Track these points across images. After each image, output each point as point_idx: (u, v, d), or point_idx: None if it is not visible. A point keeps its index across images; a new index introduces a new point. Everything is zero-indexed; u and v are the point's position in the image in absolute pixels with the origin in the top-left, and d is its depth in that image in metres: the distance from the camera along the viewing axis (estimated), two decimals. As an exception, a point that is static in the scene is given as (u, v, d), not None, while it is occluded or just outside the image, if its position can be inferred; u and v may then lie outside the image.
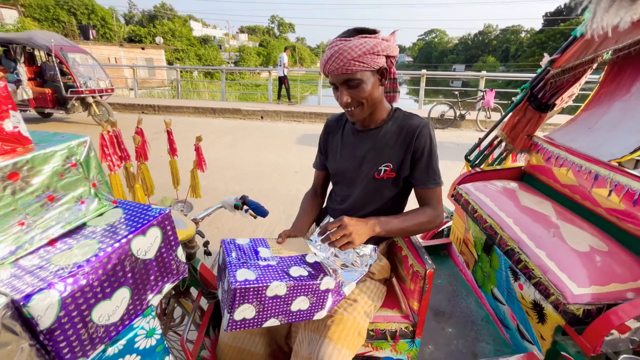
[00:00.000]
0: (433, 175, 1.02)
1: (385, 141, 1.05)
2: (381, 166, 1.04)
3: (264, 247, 0.93)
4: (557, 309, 1.00)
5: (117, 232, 0.63)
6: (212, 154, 5.28)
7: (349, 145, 1.12)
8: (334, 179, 1.20)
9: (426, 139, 1.00)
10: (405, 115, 1.06)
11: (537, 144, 1.57)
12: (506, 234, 1.27)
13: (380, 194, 1.08)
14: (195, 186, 1.39)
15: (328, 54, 0.93)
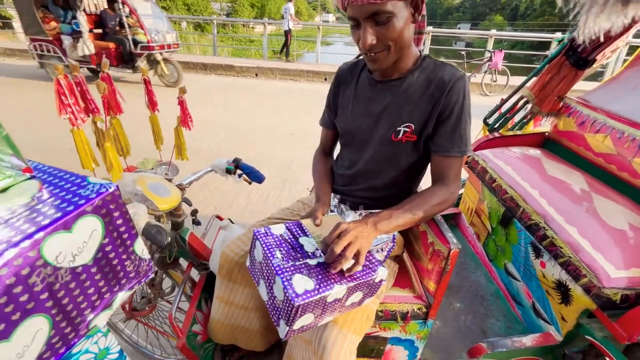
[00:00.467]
0: (459, 142, 0.84)
1: (408, 96, 0.86)
2: (401, 126, 0.86)
3: (304, 235, 0.78)
4: (589, 292, 0.89)
5: (19, 226, 0.39)
6: (203, 114, 4.98)
7: (363, 100, 0.93)
8: (343, 139, 1.03)
9: (459, 95, 0.81)
10: (436, 65, 0.86)
11: (569, 106, 1.39)
12: (530, 207, 1.14)
13: (396, 160, 0.91)
14: (181, 146, 1.20)
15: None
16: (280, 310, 0.67)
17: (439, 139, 0.85)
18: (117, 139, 0.99)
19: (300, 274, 0.67)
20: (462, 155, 0.85)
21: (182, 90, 1.12)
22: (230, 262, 0.98)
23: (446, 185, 0.85)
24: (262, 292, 0.76)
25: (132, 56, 5.79)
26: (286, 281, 0.65)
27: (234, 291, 1.02)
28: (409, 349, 1.03)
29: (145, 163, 1.20)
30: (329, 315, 0.73)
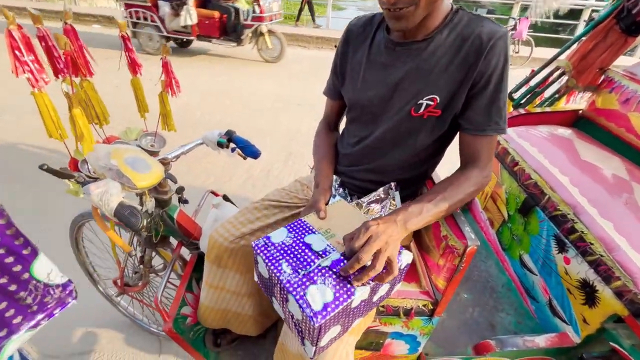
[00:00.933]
0: (496, 117, 0.70)
1: (434, 61, 0.70)
2: (423, 99, 0.72)
3: (309, 233, 0.66)
4: (621, 297, 0.79)
5: None
6: (205, 81, 4.78)
7: (377, 66, 0.77)
8: (351, 113, 0.87)
9: (499, 58, 0.66)
10: (471, 20, 0.69)
11: (612, 80, 1.21)
12: (557, 196, 1.01)
13: (413, 138, 0.77)
14: (167, 115, 1.08)
15: None
16: (302, 329, 0.58)
17: (473, 114, 0.70)
18: (90, 105, 0.87)
19: (314, 284, 0.57)
20: (500, 133, 0.71)
21: (166, 50, 0.98)
22: (219, 247, 0.89)
23: (479, 168, 0.72)
24: (277, 308, 0.66)
25: (237, 27, 5.14)
26: (300, 298, 0.55)
27: (224, 277, 0.94)
28: (410, 343, 0.96)
29: (128, 133, 1.09)
30: (358, 317, 0.64)
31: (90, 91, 0.86)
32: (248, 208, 0.95)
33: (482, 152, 0.73)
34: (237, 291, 0.98)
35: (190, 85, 4.58)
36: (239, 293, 0.98)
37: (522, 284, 1.18)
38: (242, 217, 0.93)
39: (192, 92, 4.35)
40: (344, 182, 0.93)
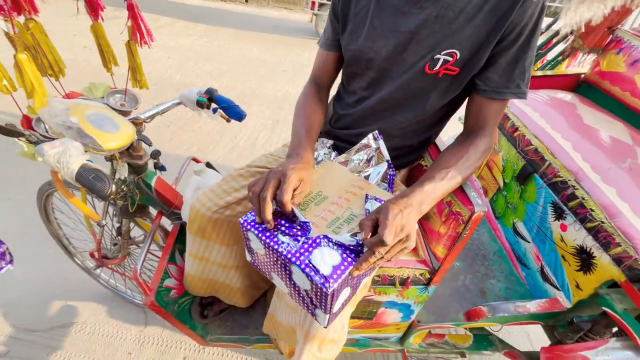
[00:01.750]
0: (519, 79, 0.62)
1: (460, 7, 0.59)
2: (440, 53, 0.62)
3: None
4: (620, 263, 0.77)
5: None
6: (186, 43, 4.45)
7: (389, 10, 0.65)
8: (352, 68, 0.75)
9: (536, 8, 0.56)
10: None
11: (621, 40, 1.14)
12: (558, 162, 0.97)
13: (424, 100, 0.68)
14: (137, 69, 0.94)
15: None
16: (312, 299, 0.53)
17: (494, 74, 0.61)
18: (40, 51, 0.73)
19: (318, 247, 0.50)
20: (521, 98, 0.63)
21: (131, -11, 0.83)
22: (201, 218, 0.81)
23: (487, 136, 0.65)
24: (278, 284, 0.60)
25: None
26: (306, 267, 0.49)
27: (208, 249, 0.88)
28: (404, 312, 0.94)
29: (93, 89, 0.96)
30: (366, 276, 0.59)
31: (39, 34, 0.72)
32: (232, 175, 0.86)
33: (493, 117, 0.65)
34: (224, 264, 0.92)
35: (171, 47, 4.25)
36: (225, 265, 0.93)
37: (513, 251, 1.17)
38: (226, 185, 0.84)
39: (172, 54, 4.04)
40: (337, 146, 0.85)
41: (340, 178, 0.66)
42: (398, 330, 1.05)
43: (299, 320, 0.68)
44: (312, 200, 0.61)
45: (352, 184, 0.65)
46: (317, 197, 0.61)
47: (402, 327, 1.02)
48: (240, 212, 0.83)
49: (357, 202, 0.61)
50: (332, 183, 0.65)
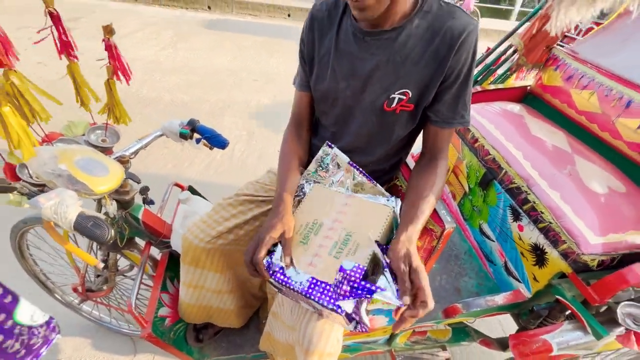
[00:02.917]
0: (462, 111, 0.72)
1: (406, 52, 0.69)
2: (395, 93, 0.71)
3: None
4: (566, 258, 0.91)
5: None
6: (149, 55, 4.30)
7: (347, 56, 0.74)
8: (322, 106, 0.83)
9: (469, 53, 0.67)
10: (441, 9, 0.67)
11: (557, 58, 1.31)
12: (513, 170, 1.10)
13: (388, 133, 0.77)
14: (115, 106, 0.95)
15: None
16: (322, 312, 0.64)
17: (442, 107, 0.71)
18: (24, 101, 0.74)
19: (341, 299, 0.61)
20: (465, 125, 0.73)
21: (108, 30, 0.85)
22: (195, 249, 0.85)
23: (443, 159, 0.76)
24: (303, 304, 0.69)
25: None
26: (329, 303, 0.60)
27: (202, 277, 0.91)
28: (389, 316, 1.03)
29: (72, 127, 0.96)
30: None
31: (21, 82, 0.72)
32: (221, 204, 0.91)
33: (446, 142, 0.76)
34: (218, 289, 0.96)
35: (133, 60, 4.10)
36: (220, 291, 0.97)
37: (481, 249, 1.30)
38: (216, 215, 0.88)
39: (135, 67, 3.90)
40: None
41: (330, 201, 0.74)
42: (385, 333, 1.13)
43: (298, 338, 0.74)
44: (311, 231, 0.68)
45: (341, 204, 0.73)
46: (314, 226, 0.68)
47: (388, 330, 1.11)
48: (232, 240, 0.88)
49: (349, 220, 0.69)
50: (323, 208, 0.72)
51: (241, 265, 0.98)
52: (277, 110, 3.36)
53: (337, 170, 0.81)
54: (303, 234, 0.70)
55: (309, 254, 0.66)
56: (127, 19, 5.48)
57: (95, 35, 4.65)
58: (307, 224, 0.70)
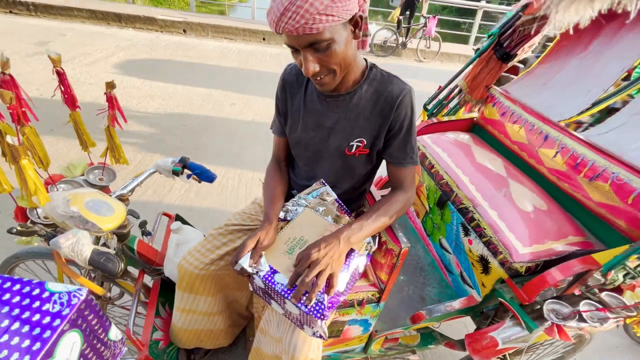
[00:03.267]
0: (410, 153, 0.90)
1: (358, 111, 0.87)
2: (353, 141, 0.89)
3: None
4: (503, 266, 1.10)
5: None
6: (126, 79, 4.33)
7: (313, 112, 0.91)
8: (296, 150, 1.01)
9: (407, 110, 0.85)
10: (383, 77, 0.87)
11: (494, 97, 1.56)
12: (462, 193, 1.31)
13: (352, 171, 0.95)
14: (116, 148, 1.07)
15: (279, 6, 0.65)
16: (301, 320, 0.77)
17: (393, 151, 0.90)
18: (34, 151, 0.84)
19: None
20: (415, 164, 0.92)
21: (110, 85, 0.97)
22: (190, 275, 0.96)
23: (404, 192, 0.92)
24: (276, 308, 0.83)
25: None
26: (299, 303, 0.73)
27: (196, 301, 1.02)
28: (364, 326, 1.17)
29: (72, 169, 1.06)
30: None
31: (33, 137, 0.83)
32: (213, 235, 1.03)
33: (406, 179, 0.93)
34: (209, 312, 1.06)
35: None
36: (210, 313, 1.07)
37: (442, 261, 1.49)
38: (208, 244, 1.00)
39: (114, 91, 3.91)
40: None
41: (316, 224, 0.90)
42: (361, 341, 1.27)
43: (284, 347, 0.87)
44: (297, 245, 0.83)
45: (325, 228, 0.89)
46: (300, 241, 0.84)
47: (364, 338, 1.25)
48: (223, 266, 1.00)
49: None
50: (310, 228, 0.89)
51: (230, 288, 1.10)
52: (256, 132, 3.49)
53: (324, 202, 0.97)
54: (290, 246, 0.86)
55: (291, 263, 0.81)
56: (100, 42, 5.48)
57: (68, 59, 4.63)
58: (294, 238, 0.86)
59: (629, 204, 1.01)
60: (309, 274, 0.71)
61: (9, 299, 0.39)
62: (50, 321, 0.37)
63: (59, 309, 0.39)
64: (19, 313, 0.38)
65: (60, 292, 0.41)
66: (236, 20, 7.70)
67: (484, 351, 1.12)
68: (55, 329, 0.37)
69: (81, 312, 0.42)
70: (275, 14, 0.66)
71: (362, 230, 0.84)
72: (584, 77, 1.34)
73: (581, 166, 1.15)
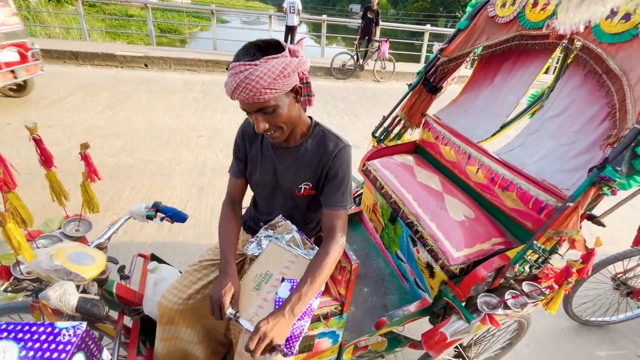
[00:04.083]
0: (341, 199, 1.04)
1: (305, 159, 1.05)
2: (301, 184, 1.06)
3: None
4: (443, 269, 1.31)
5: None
6: (85, 119, 4.29)
7: (268, 159, 1.08)
8: (256, 190, 1.17)
9: (341, 163, 1.02)
10: (324, 134, 1.05)
11: (428, 123, 1.83)
12: (407, 209, 1.52)
13: (303, 207, 1.13)
14: (90, 200, 1.17)
15: (233, 82, 0.82)
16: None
17: (326, 194, 1.06)
18: (16, 214, 0.93)
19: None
20: (345, 209, 1.05)
21: (84, 146, 1.09)
22: (170, 311, 1.07)
23: (335, 239, 1.00)
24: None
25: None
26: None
27: (177, 331, 1.12)
28: (332, 337, 1.31)
29: (49, 223, 1.14)
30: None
31: (16, 201, 0.92)
32: (188, 271, 1.15)
33: (336, 222, 1.01)
34: (190, 340, 1.16)
35: (69, 125, 4.06)
36: (191, 342, 1.17)
37: (399, 270, 1.68)
38: (185, 280, 1.12)
39: (73, 133, 3.87)
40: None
41: (280, 256, 1.05)
42: (333, 352, 1.40)
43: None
44: (263, 280, 0.97)
45: (287, 260, 1.04)
46: (265, 276, 0.98)
47: (334, 349, 1.39)
48: (200, 299, 1.11)
49: (291, 273, 1.01)
50: (274, 262, 1.03)
51: (207, 317, 1.20)
52: (226, 163, 3.59)
53: (287, 234, 1.12)
54: (257, 282, 0.99)
55: (255, 304, 0.95)
56: (57, 82, 5.39)
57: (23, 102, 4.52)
58: (260, 274, 1.00)
59: (530, 208, 1.26)
60: (257, 349, 0.83)
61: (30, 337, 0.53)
62: (63, 347, 0.54)
63: (67, 338, 0.55)
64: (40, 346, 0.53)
65: (67, 327, 0.56)
66: (198, 52, 7.87)
67: (437, 345, 1.30)
68: (68, 352, 0.54)
69: (83, 339, 0.58)
70: (230, 87, 0.84)
71: (302, 299, 0.91)
72: (492, 105, 1.63)
73: (496, 179, 1.40)
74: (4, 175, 0.86)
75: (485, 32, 1.54)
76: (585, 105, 1.29)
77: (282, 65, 0.83)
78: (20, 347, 0.52)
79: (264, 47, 0.83)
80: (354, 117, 5.38)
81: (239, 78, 0.81)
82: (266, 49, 0.83)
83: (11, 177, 0.90)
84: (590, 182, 1.00)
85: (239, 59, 0.82)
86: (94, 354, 0.60)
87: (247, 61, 0.81)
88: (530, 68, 1.54)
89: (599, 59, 1.17)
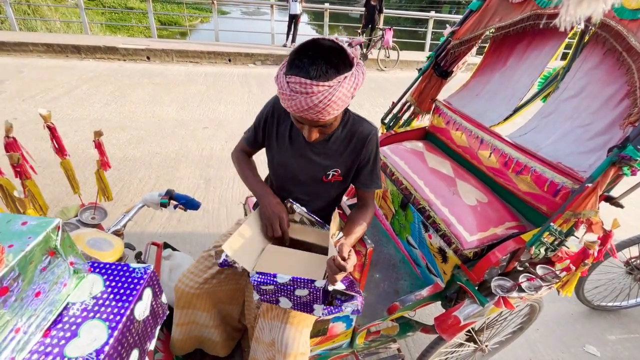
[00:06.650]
0: (376, 179, 1.09)
1: (335, 148, 1.04)
2: (330, 171, 1.06)
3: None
4: (456, 253, 1.30)
5: (114, 304, 0.64)
6: (90, 112, 4.30)
7: (297, 144, 1.06)
8: (276, 169, 1.13)
9: (374, 146, 1.04)
10: (354, 120, 1.04)
11: (439, 108, 1.80)
12: (419, 195, 1.51)
13: (327, 193, 1.12)
14: (105, 188, 1.17)
15: (304, 102, 0.78)
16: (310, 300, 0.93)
17: (362, 179, 1.08)
18: (35, 201, 0.94)
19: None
20: (379, 188, 1.10)
21: (98, 134, 1.09)
22: (186, 295, 1.08)
23: (370, 208, 1.11)
24: (285, 304, 0.97)
25: None
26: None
27: (193, 315, 1.13)
28: (346, 322, 1.33)
29: (66, 212, 1.15)
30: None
31: (34, 188, 0.93)
32: (203, 257, 1.15)
33: (370, 199, 1.12)
34: (206, 324, 1.18)
35: (75, 119, 4.07)
36: (207, 325, 1.18)
37: (411, 256, 1.68)
38: (200, 265, 1.13)
39: (79, 126, 3.89)
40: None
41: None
42: (346, 337, 1.42)
43: (277, 347, 1.00)
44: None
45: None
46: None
47: (348, 333, 1.40)
48: (215, 284, 1.12)
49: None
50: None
51: (223, 302, 1.22)
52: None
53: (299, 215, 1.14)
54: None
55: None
56: (61, 77, 5.38)
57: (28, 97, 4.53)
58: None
59: (545, 191, 1.25)
60: (350, 265, 0.85)
61: (107, 271, 0.71)
62: (137, 281, 0.69)
63: (140, 275, 0.70)
64: (114, 278, 0.70)
65: (139, 267, 0.71)
66: (200, 43, 7.80)
67: (450, 329, 1.30)
68: (141, 284, 0.68)
69: (151, 278, 0.71)
70: (299, 106, 0.79)
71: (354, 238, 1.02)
72: (505, 89, 1.60)
73: (509, 163, 1.39)
74: (22, 163, 0.86)
75: (498, 12, 1.50)
76: (603, 85, 1.26)
77: (353, 86, 0.81)
78: (104, 279, 0.68)
79: (335, 63, 0.78)
80: (358, 106, 5.33)
81: (312, 101, 0.77)
82: (337, 64, 0.78)
83: (29, 165, 0.91)
84: (610, 162, 0.98)
85: (309, 74, 0.76)
86: (157, 294, 0.73)
87: (320, 81, 0.76)
88: (545, 49, 1.50)
89: (619, 36, 1.13)
